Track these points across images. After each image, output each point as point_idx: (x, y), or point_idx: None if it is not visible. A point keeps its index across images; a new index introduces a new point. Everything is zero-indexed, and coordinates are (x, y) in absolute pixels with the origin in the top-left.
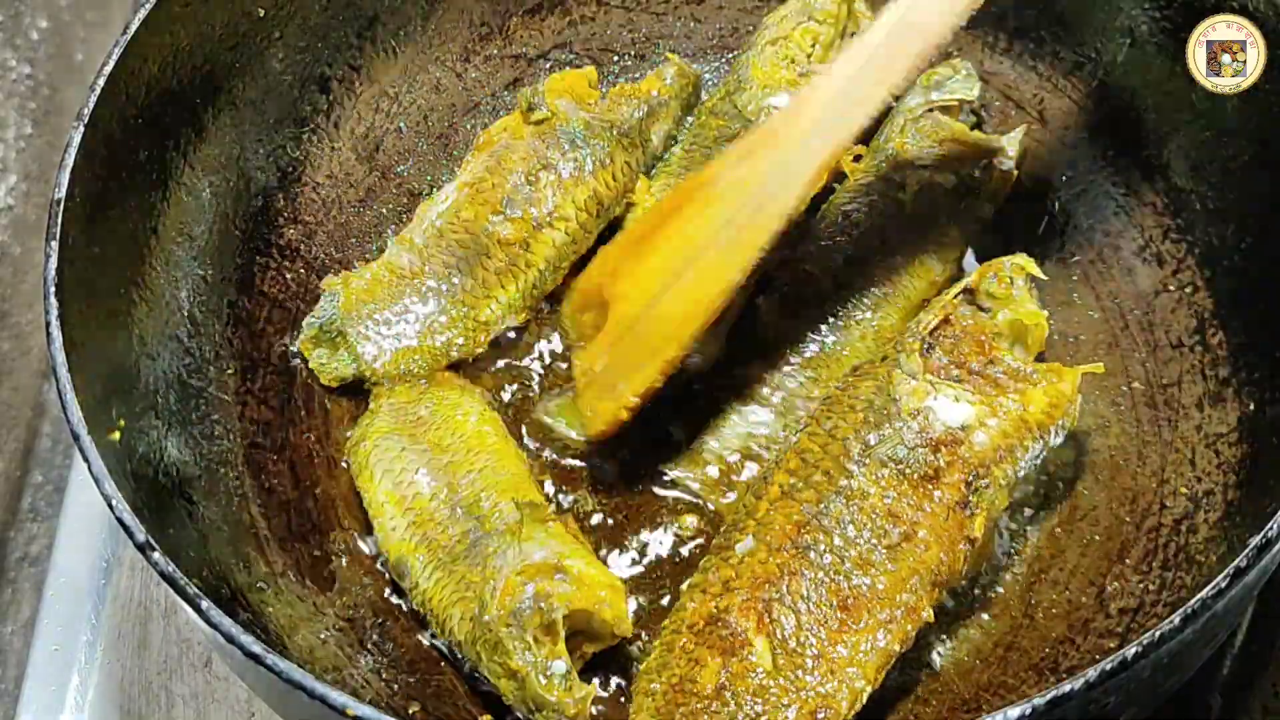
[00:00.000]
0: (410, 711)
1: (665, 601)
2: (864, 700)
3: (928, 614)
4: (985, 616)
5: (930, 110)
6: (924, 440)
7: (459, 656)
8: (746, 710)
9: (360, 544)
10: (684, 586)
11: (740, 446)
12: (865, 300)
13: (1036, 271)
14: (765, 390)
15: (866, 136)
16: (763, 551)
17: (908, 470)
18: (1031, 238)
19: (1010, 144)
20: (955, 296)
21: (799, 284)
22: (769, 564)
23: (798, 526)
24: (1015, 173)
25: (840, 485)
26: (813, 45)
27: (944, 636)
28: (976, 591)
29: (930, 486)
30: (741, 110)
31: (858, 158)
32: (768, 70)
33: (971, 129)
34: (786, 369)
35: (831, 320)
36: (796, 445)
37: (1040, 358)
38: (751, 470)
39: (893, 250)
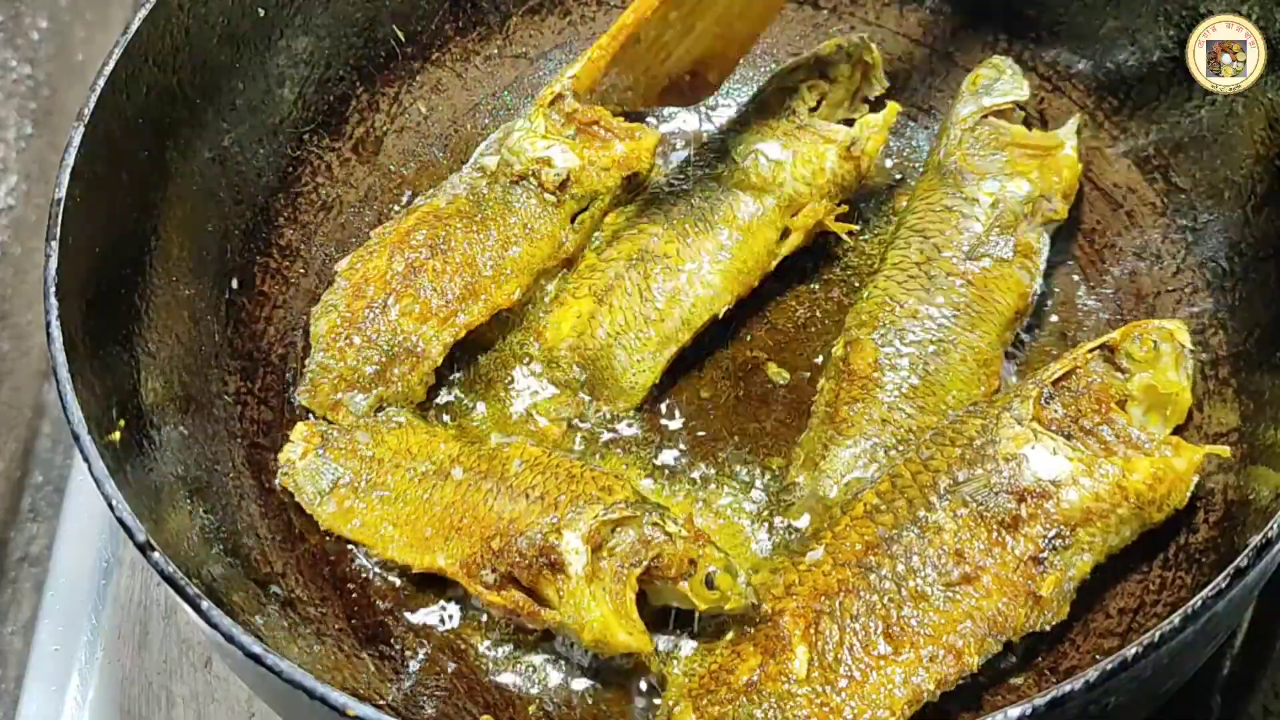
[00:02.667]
0: (410, 712)
1: None
2: None
3: (973, 662)
4: None
5: (984, 117)
6: (1011, 486)
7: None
8: (767, 712)
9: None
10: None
11: (853, 483)
12: (959, 321)
13: (1185, 340)
14: (872, 427)
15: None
16: (828, 564)
17: (987, 513)
18: None
19: (1068, 136)
20: (1091, 350)
21: (886, 311)
22: (830, 577)
23: (867, 547)
24: (1080, 165)
25: (918, 515)
26: (818, 101)
27: None
28: None
29: (1006, 534)
30: (731, 150)
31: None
32: (764, 117)
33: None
34: (889, 401)
35: (928, 347)
36: (893, 470)
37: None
38: None
39: (977, 265)
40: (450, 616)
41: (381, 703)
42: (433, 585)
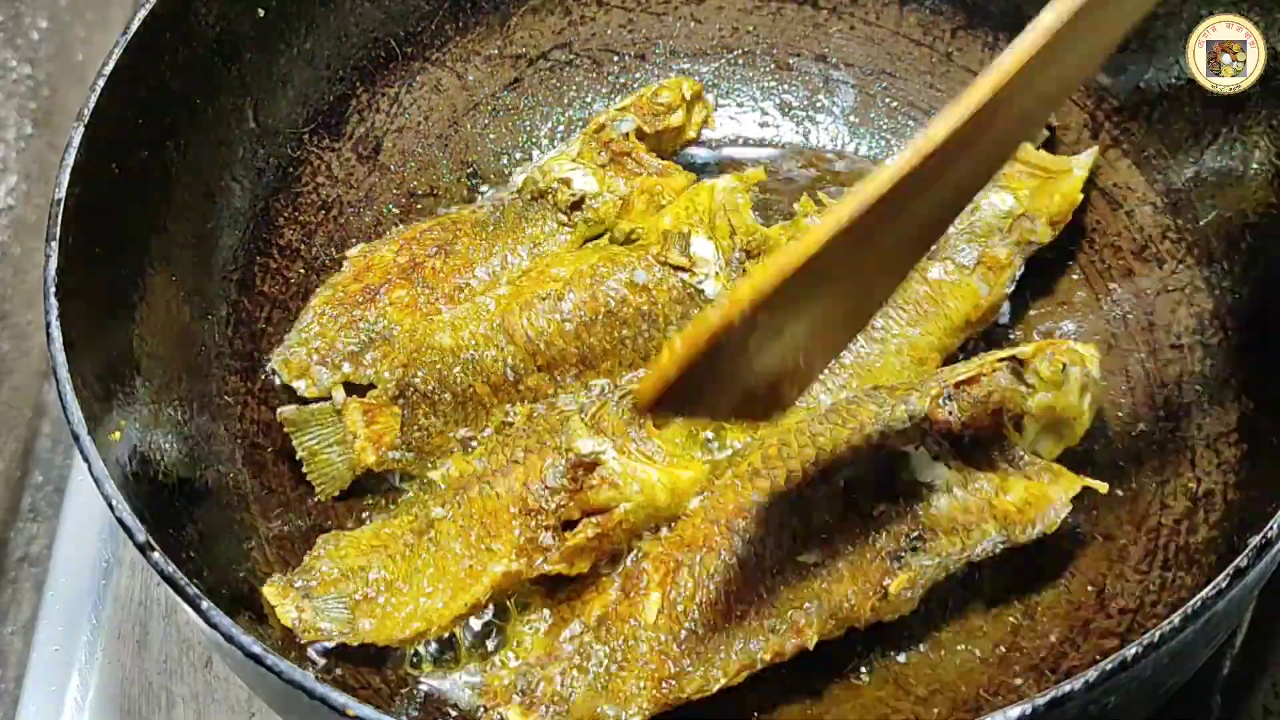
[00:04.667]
0: (410, 712)
1: None
2: (711, 691)
3: (811, 640)
4: (985, 617)
5: None
6: (884, 480)
7: None
8: (610, 648)
9: None
10: None
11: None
12: (903, 314)
13: (1094, 368)
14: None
15: None
16: (700, 517)
17: (856, 501)
18: None
19: (1079, 166)
20: (1001, 360)
21: None
22: (699, 530)
23: (739, 509)
24: (1080, 196)
25: (792, 490)
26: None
27: (944, 637)
28: (976, 591)
29: (870, 526)
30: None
31: None
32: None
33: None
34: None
35: (869, 330)
36: (784, 437)
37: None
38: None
39: (938, 266)
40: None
41: (381, 703)
42: None
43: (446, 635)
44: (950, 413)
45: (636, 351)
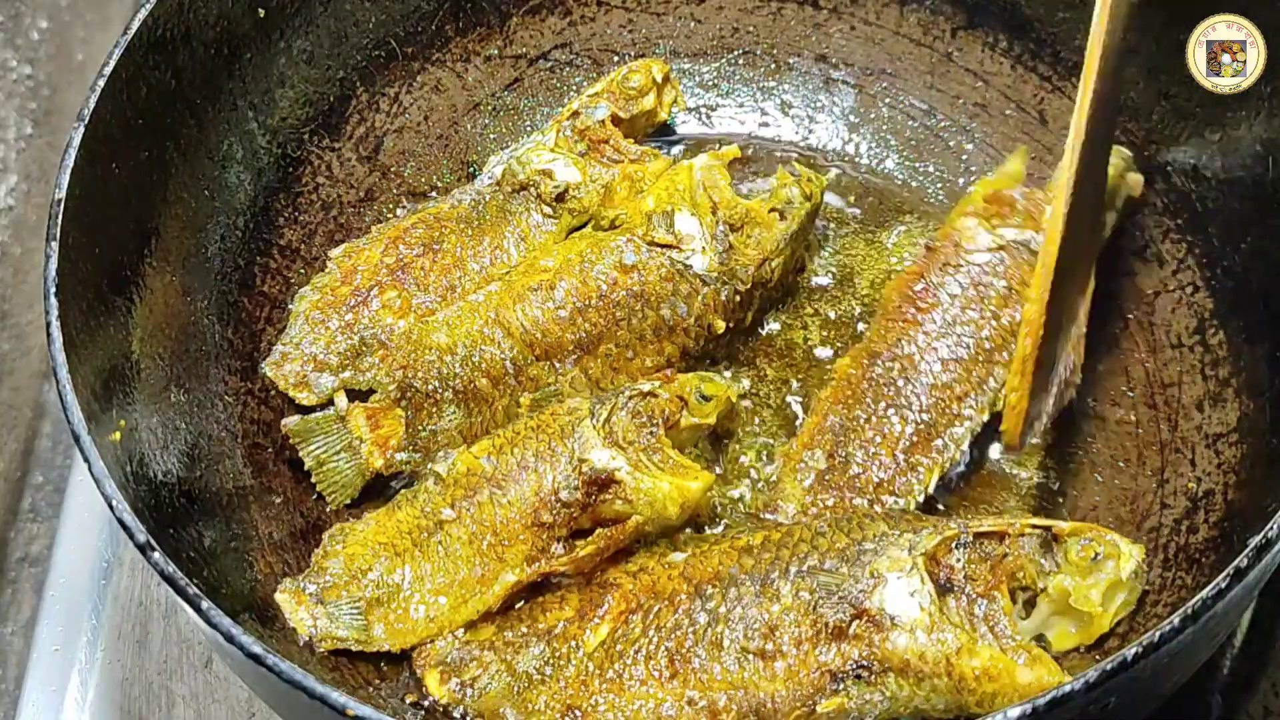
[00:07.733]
0: (410, 711)
1: None
2: None
3: None
4: None
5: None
6: (855, 600)
7: None
8: (544, 660)
9: None
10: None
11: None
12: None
13: (1129, 569)
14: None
15: None
16: (677, 569)
17: (821, 609)
18: None
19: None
20: (1034, 526)
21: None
22: (670, 583)
23: (714, 576)
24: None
25: (769, 576)
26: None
27: None
28: None
29: (823, 638)
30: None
31: None
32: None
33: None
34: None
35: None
36: (793, 527)
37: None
38: None
39: None
40: None
41: (381, 703)
42: None
43: None
44: (957, 560)
45: (632, 332)
